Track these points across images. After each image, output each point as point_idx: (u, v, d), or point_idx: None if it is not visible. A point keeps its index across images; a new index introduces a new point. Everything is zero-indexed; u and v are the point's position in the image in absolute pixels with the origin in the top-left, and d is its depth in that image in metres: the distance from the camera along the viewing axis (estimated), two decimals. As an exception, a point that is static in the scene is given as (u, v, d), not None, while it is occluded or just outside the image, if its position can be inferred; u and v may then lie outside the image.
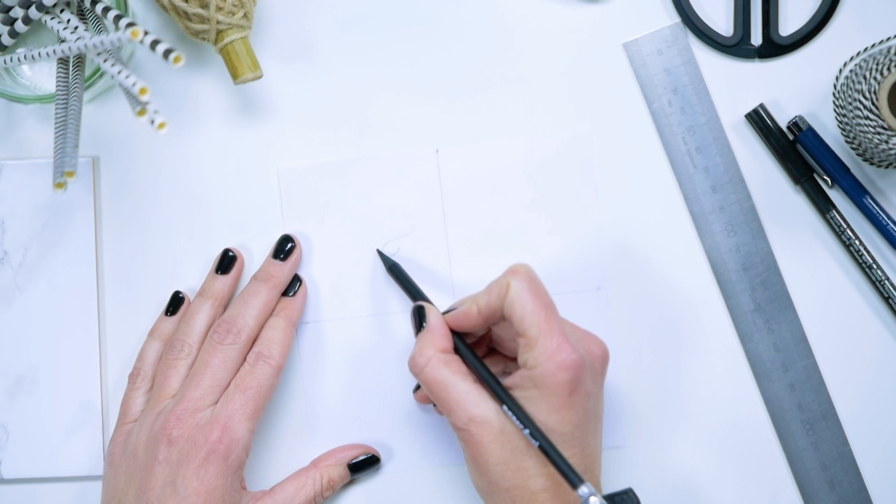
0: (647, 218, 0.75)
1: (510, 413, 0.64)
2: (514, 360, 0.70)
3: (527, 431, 0.63)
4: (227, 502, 0.68)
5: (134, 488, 0.69)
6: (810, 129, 0.74)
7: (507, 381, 0.66)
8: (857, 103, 0.69)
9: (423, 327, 0.68)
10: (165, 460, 0.68)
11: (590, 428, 0.66)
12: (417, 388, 0.74)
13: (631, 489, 0.65)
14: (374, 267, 0.75)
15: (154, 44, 0.60)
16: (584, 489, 0.62)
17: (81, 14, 0.71)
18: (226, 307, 0.73)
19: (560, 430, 0.64)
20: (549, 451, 0.63)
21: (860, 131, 0.69)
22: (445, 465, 0.75)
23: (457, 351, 0.68)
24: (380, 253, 0.74)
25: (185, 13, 0.71)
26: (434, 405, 0.73)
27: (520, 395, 0.65)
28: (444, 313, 0.69)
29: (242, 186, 0.75)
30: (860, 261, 0.74)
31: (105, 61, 0.66)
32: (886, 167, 0.74)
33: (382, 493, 0.75)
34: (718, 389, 0.75)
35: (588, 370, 0.65)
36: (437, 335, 0.67)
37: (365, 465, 0.74)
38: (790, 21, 0.75)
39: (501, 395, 0.65)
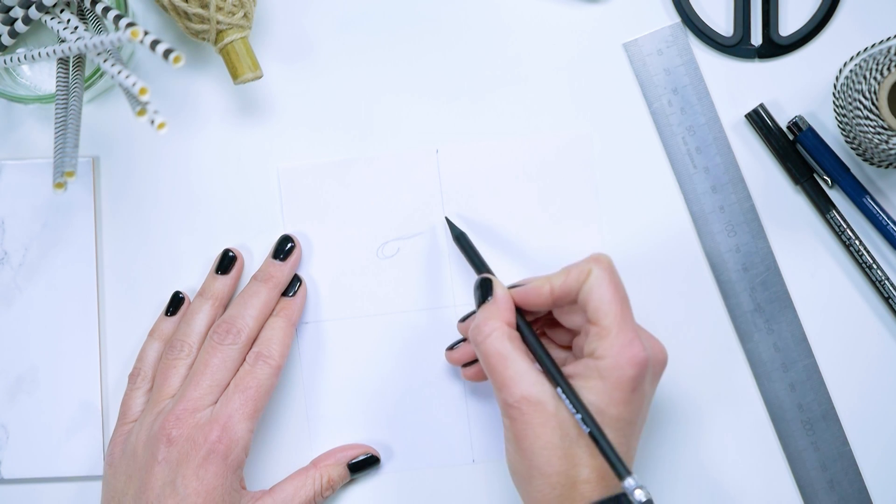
0: (647, 218, 0.75)
1: (564, 396, 0.64)
2: (566, 348, 0.70)
3: (579, 416, 0.63)
4: (227, 502, 0.68)
5: (133, 488, 0.69)
6: (810, 129, 0.74)
7: (566, 369, 0.66)
8: (857, 103, 0.69)
9: (489, 299, 0.67)
10: (165, 460, 0.68)
11: (636, 428, 0.66)
12: (452, 346, 0.73)
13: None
14: (374, 267, 0.75)
15: (154, 44, 0.60)
16: (630, 481, 0.61)
17: (81, 14, 0.71)
18: (226, 307, 0.73)
19: (614, 425, 0.64)
20: (599, 438, 0.63)
21: (860, 131, 0.69)
22: (445, 466, 0.75)
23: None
24: (448, 221, 0.74)
25: (185, 13, 0.71)
26: (463, 370, 0.73)
27: (580, 385, 0.64)
28: (511, 287, 0.69)
29: (242, 186, 0.75)
30: (860, 261, 0.74)
31: (105, 61, 0.66)
32: (886, 167, 0.74)
33: (382, 493, 0.75)
34: (718, 389, 0.75)
35: (650, 371, 0.65)
36: (503, 308, 0.67)
37: (365, 464, 0.74)
38: (790, 21, 0.75)
39: (557, 377, 0.65)
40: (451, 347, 0.74)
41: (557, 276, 0.67)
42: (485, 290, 0.68)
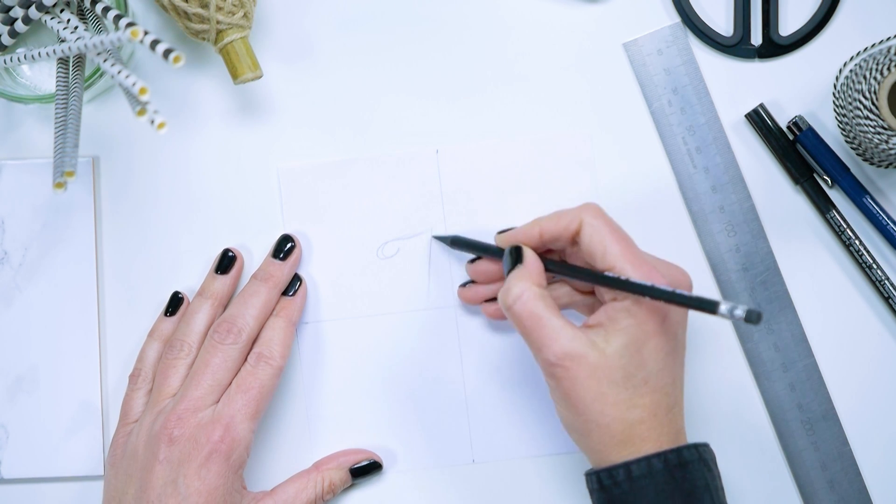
0: (646, 218, 0.75)
1: (620, 291, 0.64)
2: (589, 293, 0.70)
3: (647, 298, 0.63)
4: (228, 502, 0.68)
5: (134, 488, 0.69)
6: (810, 129, 0.74)
7: (590, 321, 0.65)
8: (857, 103, 0.69)
9: (518, 266, 0.67)
10: (166, 459, 0.68)
11: (679, 357, 0.66)
12: (464, 284, 0.73)
13: (708, 445, 0.65)
14: (374, 267, 0.75)
15: (154, 44, 0.60)
16: (723, 307, 0.61)
17: (81, 14, 0.71)
18: (225, 307, 0.73)
19: (656, 357, 0.64)
20: (676, 297, 0.62)
21: (860, 131, 0.69)
22: (445, 466, 0.75)
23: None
24: (436, 238, 0.74)
25: (185, 13, 0.71)
26: (484, 306, 0.73)
27: (611, 329, 0.64)
28: (501, 232, 0.70)
29: (242, 186, 0.75)
30: (860, 261, 0.74)
31: (105, 61, 0.66)
32: (886, 167, 0.74)
33: (382, 493, 0.75)
34: (718, 389, 0.75)
35: None
36: (534, 272, 0.66)
37: (367, 470, 0.74)
38: (790, 21, 0.75)
39: (608, 280, 0.64)
40: (463, 285, 0.74)
41: (547, 219, 0.67)
42: (515, 257, 0.67)
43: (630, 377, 0.63)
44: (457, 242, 0.73)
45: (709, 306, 0.61)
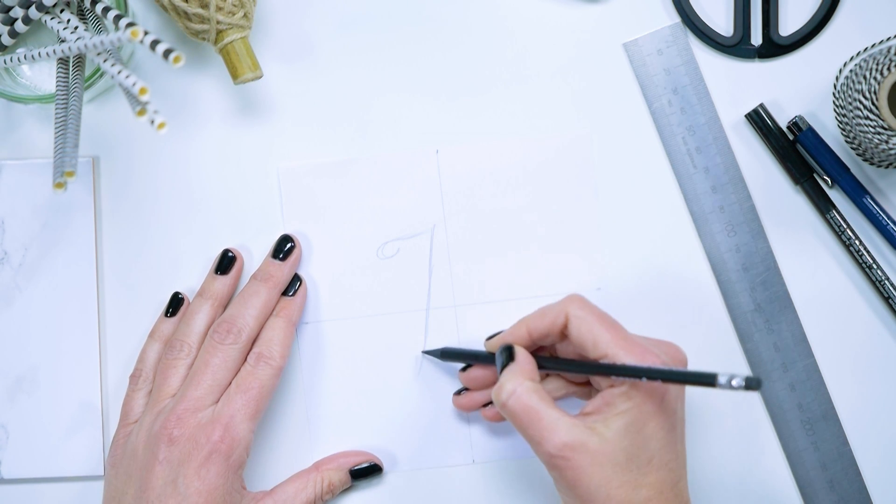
0: (647, 218, 0.75)
1: (616, 377, 0.64)
2: (584, 384, 0.70)
3: (643, 379, 0.63)
4: (228, 502, 0.68)
5: (133, 487, 0.69)
6: (810, 129, 0.74)
7: (588, 408, 0.65)
8: (857, 103, 0.69)
9: (510, 364, 0.67)
10: (166, 459, 0.68)
11: (679, 432, 0.66)
12: (460, 391, 0.74)
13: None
14: (374, 267, 0.75)
15: (154, 44, 0.60)
16: (721, 379, 0.61)
17: (81, 14, 0.71)
18: (225, 307, 0.73)
19: (657, 435, 0.64)
20: (673, 374, 0.62)
21: (860, 131, 0.69)
22: (445, 466, 0.75)
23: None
24: (426, 353, 0.74)
25: (185, 13, 0.71)
26: (483, 411, 0.73)
27: (609, 413, 0.64)
28: (490, 337, 0.71)
29: (242, 186, 0.75)
30: (860, 261, 0.74)
31: (105, 61, 0.66)
32: (886, 167, 0.74)
33: (383, 493, 0.75)
34: (718, 389, 0.75)
35: None
36: (526, 367, 0.66)
37: (367, 472, 0.74)
38: (790, 21, 0.75)
39: (603, 367, 0.64)
40: (457, 393, 0.74)
41: (533, 317, 0.68)
42: (507, 356, 0.67)
43: (633, 458, 0.63)
44: (447, 354, 0.73)
45: (707, 380, 0.61)
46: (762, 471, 0.75)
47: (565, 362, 0.68)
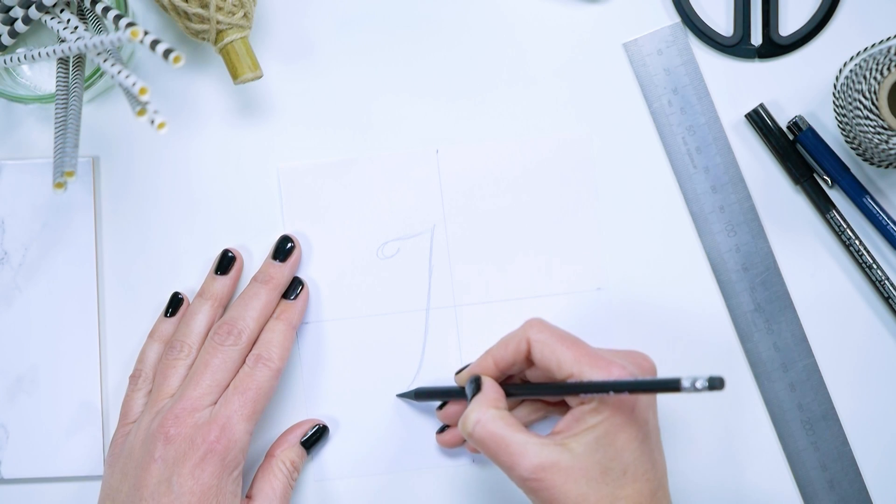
0: (647, 218, 0.75)
1: (583, 395, 0.64)
2: (559, 405, 0.71)
3: (611, 393, 0.63)
4: (222, 503, 0.68)
5: (128, 485, 0.69)
6: (810, 129, 0.74)
7: (558, 427, 0.65)
8: (857, 103, 0.69)
9: (476, 395, 0.67)
10: (162, 458, 0.68)
11: (654, 441, 0.66)
12: (442, 430, 0.74)
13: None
14: (374, 267, 0.75)
15: (154, 44, 0.60)
16: (685, 383, 0.60)
17: (81, 14, 0.71)
18: (225, 308, 0.73)
19: (630, 447, 0.64)
20: (638, 385, 0.62)
21: (860, 131, 0.69)
22: (445, 466, 0.75)
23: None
24: (399, 396, 0.74)
25: (185, 13, 0.71)
26: (438, 436, 0.74)
27: (582, 430, 0.64)
28: (458, 372, 0.71)
29: (242, 186, 0.75)
30: (860, 261, 0.74)
31: (105, 61, 0.66)
32: (886, 167, 0.74)
33: (383, 493, 0.75)
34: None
35: None
36: (490, 397, 0.67)
37: (316, 438, 0.74)
38: (790, 21, 0.75)
39: (568, 387, 0.65)
40: (440, 431, 0.74)
41: (497, 348, 0.68)
42: (475, 387, 0.68)
43: (608, 471, 0.63)
44: (420, 394, 0.74)
45: (671, 385, 0.61)
46: (762, 471, 0.75)
47: (533, 387, 0.69)
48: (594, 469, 0.63)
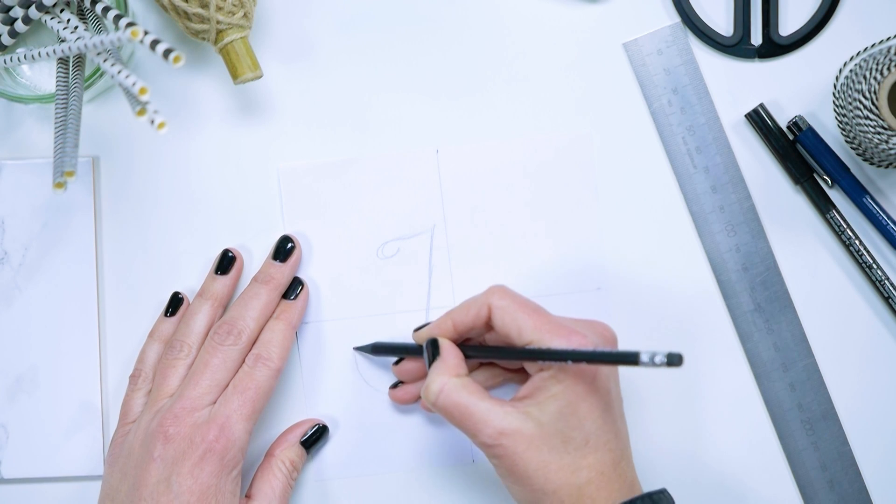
0: (647, 218, 0.75)
1: (543, 361, 0.64)
2: (518, 371, 0.71)
3: (569, 362, 0.63)
4: (221, 503, 0.68)
5: (127, 485, 0.69)
6: (810, 129, 0.74)
7: (520, 394, 0.66)
8: (857, 103, 0.69)
9: (436, 360, 0.68)
10: (161, 457, 0.68)
11: (616, 411, 0.66)
12: (395, 385, 0.74)
13: (665, 490, 0.65)
14: (374, 267, 0.75)
15: (154, 44, 0.60)
16: (644, 356, 0.61)
17: (81, 14, 0.71)
18: (225, 308, 0.73)
19: (592, 416, 0.64)
20: (597, 355, 0.63)
21: (860, 131, 0.69)
22: (446, 466, 0.75)
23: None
24: (357, 349, 0.75)
25: (185, 13, 0.71)
26: (391, 392, 0.74)
27: (542, 397, 0.64)
28: (417, 329, 0.71)
29: (242, 186, 0.75)
30: (860, 261, 0.74)
31: (105, 61, 0.66)
32: (886, 167, 0.74)
33: (383, 493, 0.75)
34: (718, 389, 0.75)
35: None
36: (451, 363, 0.67)
37: (316, 438, 0.74)
38: (790, 21, 0.75)
39: (528, 353, 0.65)
40: (394, 386, 0.74)
41: (458, 310, 0.68)
42: (432, 351, 0.68)
43: (569, 441, 0.64)
44: (378, 349, 0.74)
45: (630, 358, 0.61)
46: (762, 471, 0.75)
47: (492, 350, 0.69)
48: (556, 438, 0.64)
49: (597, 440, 0.64)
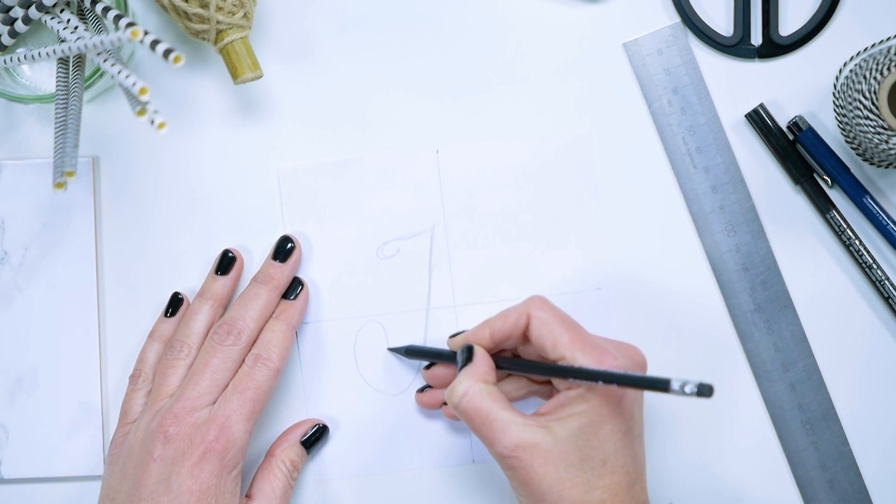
0: (647, 218, 0.75)
1: (573, 380, 0.64)
2: (545, 383, 0.71)
3: (599, 382, 0.63)
4: (220, 503, 0.68)
5: (127, 485, 0.69)
6: (810, 129, 0.74)
7: (543, 408, 0.66)
8: (857, 103, 0.69)
9: (466, 365, 0.67)
10: (160, 457, 0.68)
11: (636, 435, 0.66)
12: (422, 389, 0.74)
13: None
14: (374, 267, 0.75)
15: (154, 44, 0.60)
16: (675, 384, 0.61)
17: (81, 14, 0.71)
18: (225, 308, 0.73)
19: (613, 438, 0.64)
20: (628, 379, 0.62)
21: (860, 131, 0.69)
22: (445, 466, 0.75)
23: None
24: (391, 350, 0.74)
25: (185, 13, 0.71)
26: (417, 395, 0.74)
27: (566, 413, 0.64)
28: (453, 336, 0.70)
29: (242, 186, 0.75)
30: (860, 261, 0.74)
31: (105, 61, 0.66)
32: (886, 167, 0.74)
33: (383, 493, 0.75)
34: (719, 389, 0.75)
35: None
36: (481, 369, 0.67)
37: (316, 438, 0.74)
38: (790, 21, 0.75)
39: (560, 370, 0.65)
40: (420, 390, 0.74)
41: (496, 319, 0.68)
42: (466, 356, 0.68)
43: (587, 459, 0.64)
44: (411, 352, 0.73)
45: (660, 385, 0.61)
46: (762, 471, 0.75)
47: (524, 363, 0.69)
48: (574, 455, 0.64)
49: (614, 462, 0.64)
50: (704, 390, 0.59)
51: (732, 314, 0.75)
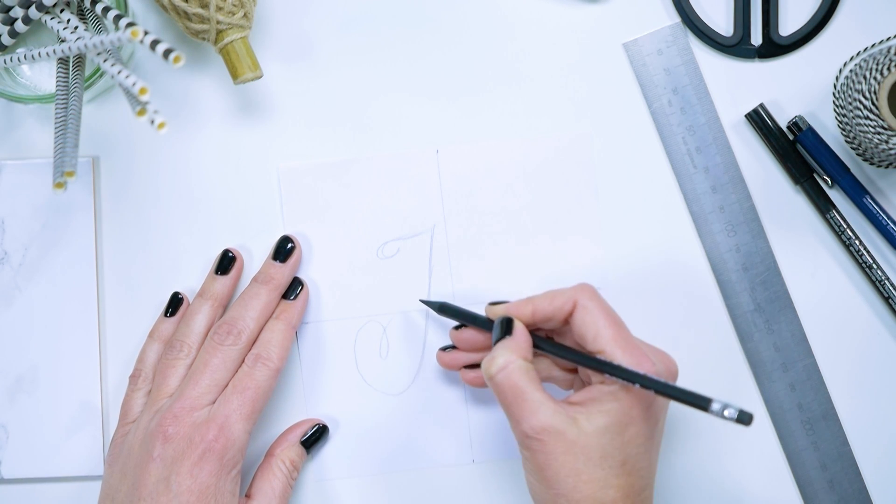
0: (647, 218, 0.75)
1: (610, 376, 0.64)
2: (571, 371, 0.70)
3: (637, 385, 0.63)
4: (220, 502, 0.68)
5: (127, 484, 0.69)
6: (810, 129, 0.74)
7: (574, 398, 0.65)
8: (857, 103, 0.69)
9: (506, 337, 0.67)
10: (160, 457, 0.68)
11: (656, 442, 0.66)
12: (445, 348, 0.73)
13: None
14: (374, 267, 0.75)
15: (154, 44, 0.60)
16: (715, 405, 0.61)
17: (81, 14, 0.71)
18: (225, 308, 0.73)
19: (636, 441, 0.64)
20: (669, 389, 0.63)
21: (860, 131, 0.69)
22: (445, 466, 0.75)
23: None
24: (423, 302, 0.74)
25: (185, 13, 0.71)
26: (463, 372, 0.73)
27: (594, 409, 0.64)
28: (493, 303, 0.69)
29: (242, 186, 0.75)
30: (860, 261, 0.74)
31: (105, 61, 0.66)
32: (886, 167, 0.74)
33: (383, 493, 0.75)
34: (718, 389, 0.75)
35: None
36: (522, 345, 0.66)
37: (316, 438, 0.74)
38: (790, 21, 0.75)
39: (602, 364, 0.65)
40: (443, 349, 0.73)
41: (541, 298, 0.67)
42: (505, 328, 0.67)
43: (607, 457, 0.64)
44: (444, 310, 0.72)
45: (700, 402, 0.62)
46: (762, 471, 0.75)
47: (563, 349, 0.68)
48: (596, 451, 0.64)
49: (633, 465, 0.64)
50: (745, 418, 0.60)
51: (732, 314, 0.75)
